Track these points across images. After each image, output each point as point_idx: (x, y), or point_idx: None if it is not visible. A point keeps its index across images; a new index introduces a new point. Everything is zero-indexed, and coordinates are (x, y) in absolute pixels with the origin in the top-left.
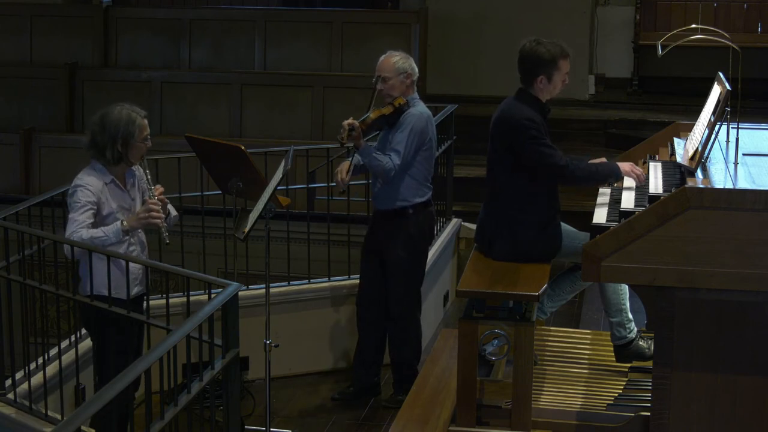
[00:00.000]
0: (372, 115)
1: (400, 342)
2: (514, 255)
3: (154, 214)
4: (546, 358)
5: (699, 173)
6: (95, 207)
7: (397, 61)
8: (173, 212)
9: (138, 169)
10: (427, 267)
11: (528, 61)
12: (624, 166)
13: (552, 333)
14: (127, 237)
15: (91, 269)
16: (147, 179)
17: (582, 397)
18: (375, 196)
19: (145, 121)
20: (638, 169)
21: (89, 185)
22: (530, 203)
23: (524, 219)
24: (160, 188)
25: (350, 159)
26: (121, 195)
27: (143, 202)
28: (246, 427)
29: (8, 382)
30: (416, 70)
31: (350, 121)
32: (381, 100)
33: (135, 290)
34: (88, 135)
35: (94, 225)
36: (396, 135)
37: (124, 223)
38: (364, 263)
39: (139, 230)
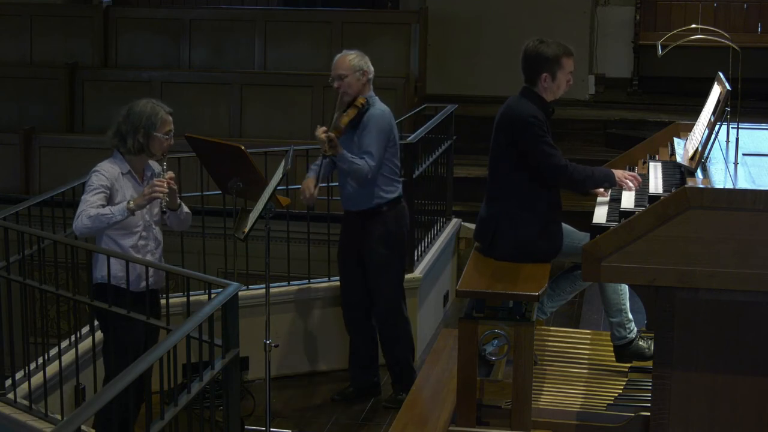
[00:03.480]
0: (342, 120)
1: (392, 341)
2: (515, 252)
3: (157, 188)
4: (546, 358)
5: (699, 173)
6: (108, 191)
7: (352, 59)
8: (185, 209)
9: (156, 166)
10: (427, 267)
11: (532, 59)
12: (617, 172)
13: (552, 333)
14: (138, 229)
15: (109, 263)
16: (162, 168)
17: (582, 397)
18: (346, 198)
19: (169, 117)
20: (629, 176)
21: (104, 171)
22: (532, 200)
23: (526, 216)
24: (170, 173)
25: (315, 174)
26: (136, 187)
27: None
28: (246, 427)
29: (8, 382)
30: (371, 68)
31: (325, 131)
32: (340, 99)
33: (150, 282)
34: (113, 126)
35: None
36: (364, 138)
37: (131, 203)
38: (343, 266)
39: (155, 227)
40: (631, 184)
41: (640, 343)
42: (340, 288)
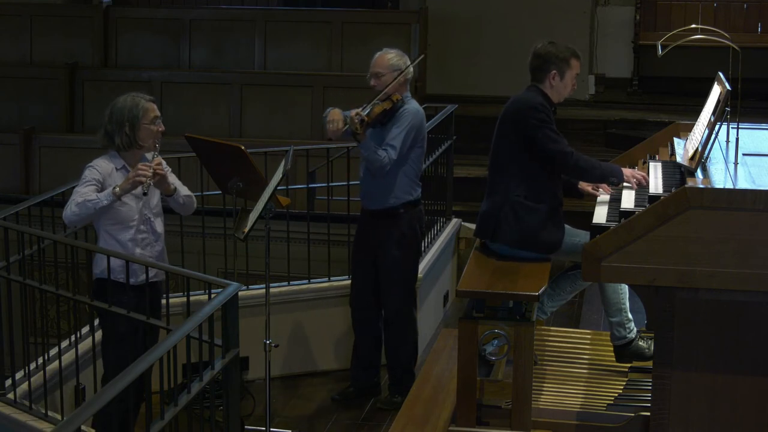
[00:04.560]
0: (376, 109)
1: (398, 344)
2: (518, 241)
3: (140, 172)
4: (546, 358)
5: (699, 173)
6: (99, 185)
7: (391, 57)
8: (183, 192)
9: (152, 157)
10: (427, 267)
11: (541, 58)
12: (626, 171)
13: (552, 333)
14: (134, 223)
15: (109, 262)
16: (152, 155)
17: (582, 397)
18: (365, 194)
19: (152, 105)
20: (639, 174)
21: (98, 166)
22: (536, 191)
23: (530, 205)
24: (158, 159)
25: (344, 116)
26: None
27: (160, 193)
28: (246, 427)
29: (8, 382)
30: (411, 68)
31: (359, 112)
32: (376, 96)
33: (149, 275)
34: (101, 127)
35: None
36: (392, 130)
37: (116, 188)
38: (356, 264)
39: (153, 219)
40: (636, 183)
41: (640, 343)
42: (351, 288)
